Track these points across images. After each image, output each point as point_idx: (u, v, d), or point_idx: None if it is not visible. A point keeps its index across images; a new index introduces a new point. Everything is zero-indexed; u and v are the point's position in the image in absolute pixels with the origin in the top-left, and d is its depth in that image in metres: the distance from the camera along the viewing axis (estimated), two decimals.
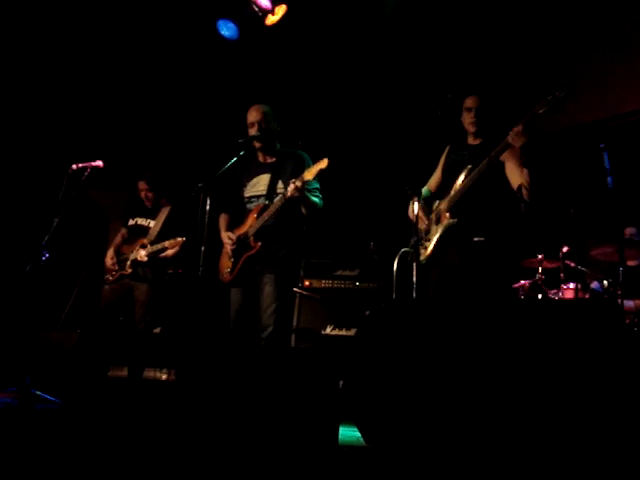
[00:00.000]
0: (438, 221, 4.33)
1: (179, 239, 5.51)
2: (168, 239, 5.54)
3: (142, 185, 5.85)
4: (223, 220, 5.02)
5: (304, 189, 4.51)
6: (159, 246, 5.57)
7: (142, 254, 5.57)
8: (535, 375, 2.86)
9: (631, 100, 6.38)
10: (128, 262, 5.66)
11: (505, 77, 6.81)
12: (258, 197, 4.82)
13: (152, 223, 5.85)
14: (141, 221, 5.89)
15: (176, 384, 5.84)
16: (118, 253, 5.81)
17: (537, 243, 6.04)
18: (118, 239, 5.99)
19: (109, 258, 5.81)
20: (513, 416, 2.84)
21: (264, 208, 4.70)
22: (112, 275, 5.75)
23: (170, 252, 5.67)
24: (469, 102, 4.38)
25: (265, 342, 4.56)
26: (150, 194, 5.85)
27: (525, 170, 4.01)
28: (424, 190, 4.60)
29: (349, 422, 3.70)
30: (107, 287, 5.75)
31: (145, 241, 5.68)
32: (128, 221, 5.95)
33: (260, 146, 4.87)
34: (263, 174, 4.85)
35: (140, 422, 4.09)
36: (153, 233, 5.75)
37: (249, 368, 4.20)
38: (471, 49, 6.85)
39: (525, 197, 4.08)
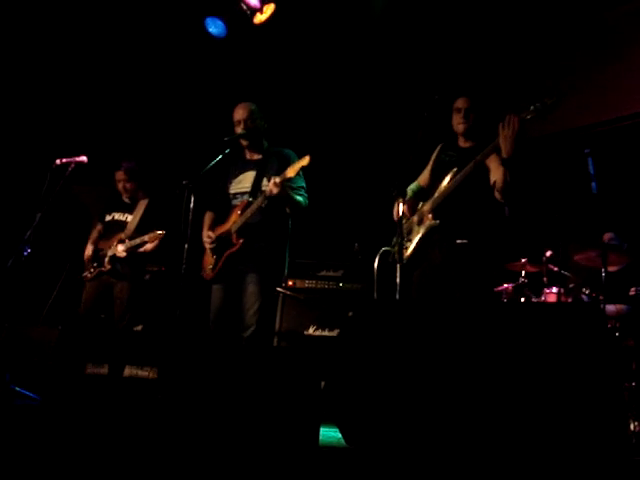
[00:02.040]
0: (420, 222, 4.34)
1: (158, 232, 5.48)
2: (147, 233, 5.51)
3: (120, 175, 5.81)
4: (207, 218, 5.01)
5: (284, 186, 4.51)
6: (137, 240, 5.53)
7: (120, 249, 5.54)
8: (516, 377, 2.87)
9: (617, 106, 6.42)
10: (106, 258, 5.63)
11: (495, 80, 6.83)
12: (243, 194, 4.81)
13: (129, 217, 5.80)
14: (118, 216, 5.85)
15: (157, 382, 5.81)
16: (96, 249, 5.77)
17: (521, 247, 6.06)
18: (94, 235, 5.94)
19: (88, 254, 5.77)
20: (493, 417, 2.85)
21: (247, 205, 4.69)
22: (90, 272, 5.71)
23: (149, 246, 5.63)
24: (459, 103, 4.38)
25: (247, 342, 4.55)
26: (129, 185, 5.81)
27: (503, 169, 4.01)
28: (414, 185, 4.60)
29: (330, 423, 3.70)
30: (88, 284, 5.72)
31: (122, 236, 5.64)
32: (105, 216, 5.91)
33: (247, 144, 4.87)
34: (249, 171, 4.85)
35: (120, 420, 4.06)
36: (131, 227, 5.71)
37: (230, 367, 4.18)
38: (461, 50, 6.86)
39: (498, 197, 4.09)
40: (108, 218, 5.89)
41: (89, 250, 5.79)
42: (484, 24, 6.73)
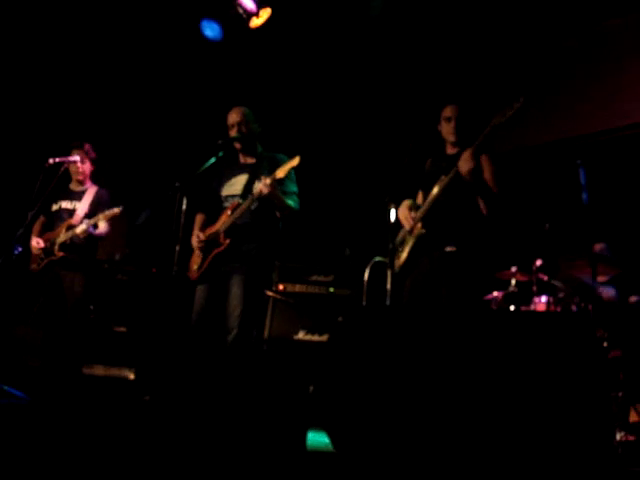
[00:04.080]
0: (411, 232, 4.35)
1: (116, 209, 5.35)
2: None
3: (80, 153, 5.69)
4: (199, 219, 5.02)
5: (274, 187, 4.51)
6: (93, 220, 5.39)
7: (80, 230, 5.38)
8: (504, 385, 2.88)
9: (609, 118, 6.46)
10: (56, 246, 5.50)
11: (490, 88, 6.86)
12: (234, 197, 4.82)
13: (78, 205, 5.68)
14: (65, 204, 5.73)
15: (137, 383, 5.79)
16: (44, 241, 5.62)
17: (511, 255, 6.08)
18: (37, 227, 5.78)
19: (35, 243, 5.60)
20: (481, 423, 2.85)
21: (237, 206, 4.70)
22: (38, 264, 5.58)
23: (103, 228, 5.53)
24: (447, 111, 4.39)
25: (230, 345, 4.54)
26: (84, 167, 5.74)
27: (478, 198, 4.07)
28: (412, 202, 4.61)
29: (318, 427, 3.70)
30: (36, 278, 5.60)
31: (72, 221, 5.53)
32: (51, 206, 5.73)
33: (240, 147, 4.89)
34: (241, 175, 4.86)
35: (104, 420, 4.05)
36: (80, 214, 5.59)
37: (215, 371, 4.18)
38: (458, 56, 6.89)
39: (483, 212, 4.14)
40: (55, 207, 5.73)
41: (36, 242, 5.60)
42: (482, 32, 6.76)
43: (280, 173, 4.52)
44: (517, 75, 6.95)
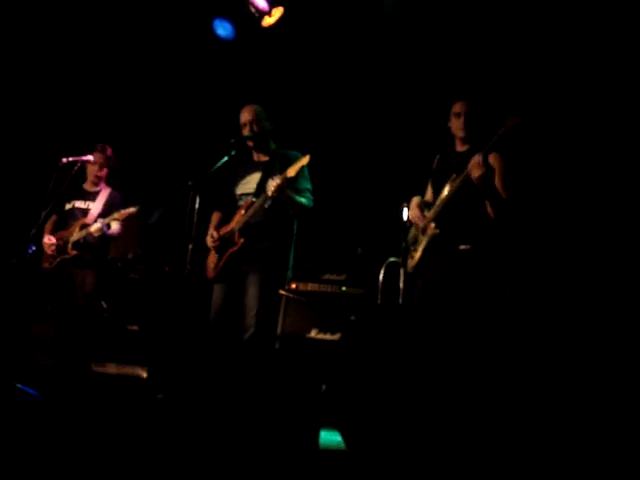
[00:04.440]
0: (424, 231, 4.31)
1: (132, 208, 5.35)
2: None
3: (98, 158, 5.69)
4: (215, 218, 5.02)
5: (282, 188, 4.51)
6: (108, 219, 5.40)
7: (94, 228, 5.37)
8: (516, 381, 2.87)
9: None
10: (69, 244, 5.49)
11: (500, 84, 6.83)
12: (248, 195, 4.82)
13: (92, 205, 5.68)
14: (79, 204, 5.71)
15: (150, 381, 5.81)
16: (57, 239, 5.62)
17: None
18: (49, 226, 5.75)
19: (47, 240, 5.59)
20: (495, 422, 2.84)
21: (251, 204, 4.71)
22: (50, 262, 5.58)
23: (116, 228, 5.52)
24: (457, 107, 4.36)
25: (247, 344, 4.54)
26: (102, 171, 5.74)
27: (487, 202, 4.03)
28: (422, 200, 4.59)
29: (331, 426, 3.70)
30: (49, 277, 5.61)
31: (86, 220, 5.52)
32: (64, 205, 5.72)
33: (253, 145, 4.89)
34: (255, 172, 4.86)
35: (116, 418, 4.06)
36: (94, 214, 5.59)
37: (230, 369, 4.18)
38: (468, 52, 6.86)
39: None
40: (68, 206, 5.72)
41: (48, 239, 5.59)
42: (493, 28, 6.73)
43: (291, 172, 4.52)
44: (528, 72, 6.91)
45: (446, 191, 4.22)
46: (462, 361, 3.03)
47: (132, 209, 5.36)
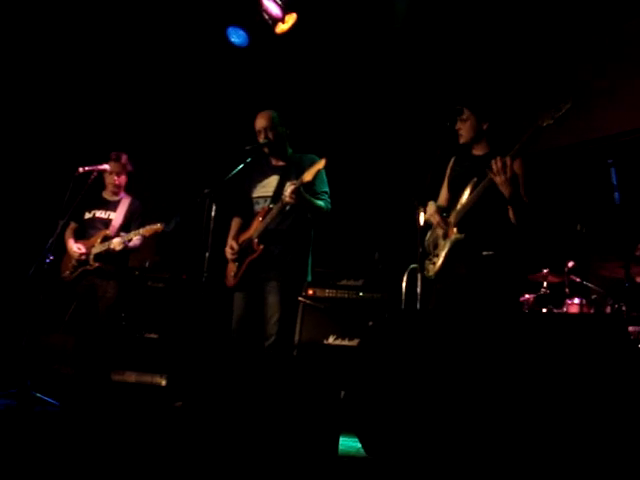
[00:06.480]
0: (446, 236, 4.24)
1: (157, 225, 5.28)
2: (132, 230, 5.40)
3: (115, 167, 5.68)
4: (234, 224, 5.01)
5: (298, 195, 4.50)
6: (132, 234, 5.37)
7: (117, 242, 5.34)
8: (538, 389, 2.84)
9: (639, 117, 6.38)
10: (91, 256, 5.48)
11: (516, 88, 6.82)
12: (265, 198, 4.81)
13: (112, 215, 5.65)
14: (100, 213, 5.69)
15: (169, 389, 5.82)
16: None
17: (543, 257, 6.01)
18: (70, 234, 5.70)
19: (76, 249, 5.53)
20: (515, 428, 2.82)
21: (268, 211, 4.70)
22: (71, 272, 5.56)
23: (137, 240, 5.47)
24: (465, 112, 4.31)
25: (268, 351, 4.54)
26: (120, 179, 5.72)
27: (509, 207, 3.96)
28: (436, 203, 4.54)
29: (350, 432, 3.68)
30: (70, 287, 5.59)
31: (108, 232, 5.50)
32: (84, 214, 5.69)
33: (269, 151, 4.89)
34: (272, 176, 4.86)
35: (136, 427, 4.07)
36: (115, 225, 5.57)
37: (251, 376, 4.18)
38: (481, 57, 6.86)
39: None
40: (88, 216, 5.69)
41: (78, 247, 5.54)
42: (507, 34, 6.72)
43: (307, 176, 4.51)
44: (546, 74, 6.90)
45: (467, 195, 4.15)
46: (484, 368, 3.00)
47: (158, 225, 5.29)
